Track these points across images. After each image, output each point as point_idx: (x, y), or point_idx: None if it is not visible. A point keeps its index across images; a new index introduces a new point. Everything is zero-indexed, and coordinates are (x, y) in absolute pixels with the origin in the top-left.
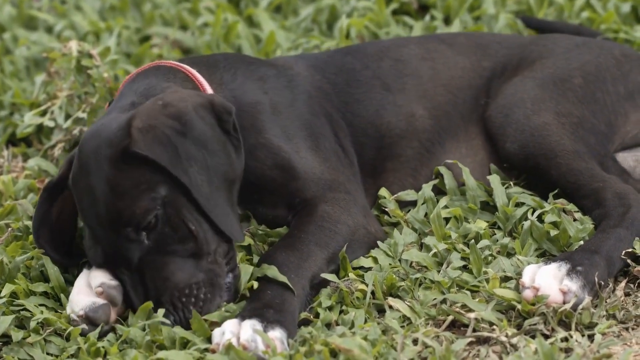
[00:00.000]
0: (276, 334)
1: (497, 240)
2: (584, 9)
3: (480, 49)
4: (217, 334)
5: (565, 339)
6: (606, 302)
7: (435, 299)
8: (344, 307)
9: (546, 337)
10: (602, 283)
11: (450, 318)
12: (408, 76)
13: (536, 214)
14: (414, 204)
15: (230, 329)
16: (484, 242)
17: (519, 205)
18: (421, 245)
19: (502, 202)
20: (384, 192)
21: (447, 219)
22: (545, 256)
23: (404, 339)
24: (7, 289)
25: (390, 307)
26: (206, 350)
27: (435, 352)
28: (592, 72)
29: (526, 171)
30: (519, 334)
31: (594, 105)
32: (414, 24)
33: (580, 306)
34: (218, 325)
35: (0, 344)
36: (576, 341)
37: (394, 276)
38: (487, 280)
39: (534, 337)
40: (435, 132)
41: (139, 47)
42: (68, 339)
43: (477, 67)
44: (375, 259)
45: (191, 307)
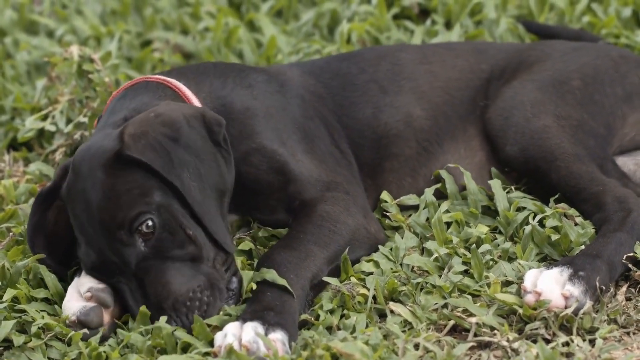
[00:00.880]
0: (277, 336)
1: (499, 245)
2: (585, 13)
3: (479, 53)
4: (219, 337)
5: (567, 344)
6: (607, 306)
7: (437, 303)
8: (345, 312)
9: (547, 341)
10: (604, 288)
11: (452, 323)
12: (405, 79)
13: (537, 218)
14: (415, 208)
15: (232, 331)
16: (485, 247)
17: (520, 209)
18: (422, 250)
19: (503, 206)
20: (385, 196)
21: (448, 224)
22: (546, 261)
23: (405, 343)
24: (9, 293)
25: (392, 311)
26: (207, 353)
27: (437, 357)
28: (590, 74)
29: (526, 174)
30: (520, 338)
31: (592, 108)
32: (415, 28)
33: (582, 311)
34: (219, 329)
35: (1, 348)
36: (577, 346)
37: (396, 281)
38: (489, 285)
39: (535, 342)
40: (433, 132)
41: (140, 52)
42: (69, 343)
43: (475, 69)
44: (377, 264)
45: (195, 310)
